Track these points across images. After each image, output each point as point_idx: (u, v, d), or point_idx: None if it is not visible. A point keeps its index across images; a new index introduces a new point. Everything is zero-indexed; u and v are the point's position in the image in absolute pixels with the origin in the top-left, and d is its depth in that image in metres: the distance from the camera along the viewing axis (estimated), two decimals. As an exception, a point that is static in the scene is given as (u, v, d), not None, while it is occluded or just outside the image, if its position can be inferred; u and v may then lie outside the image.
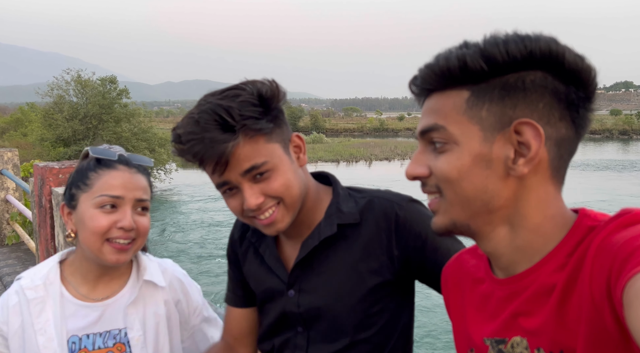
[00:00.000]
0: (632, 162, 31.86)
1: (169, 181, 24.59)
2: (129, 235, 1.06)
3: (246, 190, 0.90)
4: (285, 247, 1.07)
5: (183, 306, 1.21)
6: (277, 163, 0.91)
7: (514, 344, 0.67)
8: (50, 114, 23.94)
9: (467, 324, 0.78)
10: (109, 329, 1.10)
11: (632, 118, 63.87)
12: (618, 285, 0.52)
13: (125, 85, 25.47)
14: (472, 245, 0.86)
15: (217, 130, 0.85)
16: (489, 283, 0.74)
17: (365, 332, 0.99)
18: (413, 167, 0.71)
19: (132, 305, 1.12)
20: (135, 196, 1.08)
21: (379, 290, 0.98)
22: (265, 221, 0.93)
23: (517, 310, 0.67)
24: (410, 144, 45.69)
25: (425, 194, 0.73)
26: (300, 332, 1.04)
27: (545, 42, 0.62)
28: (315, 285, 1.01)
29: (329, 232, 0.99)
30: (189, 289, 1.23)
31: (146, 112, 26.89)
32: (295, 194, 0.94)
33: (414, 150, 0.74)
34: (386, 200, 1.00)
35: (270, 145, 0.91)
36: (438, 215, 0.71)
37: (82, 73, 24.76)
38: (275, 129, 0.92)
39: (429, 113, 0.69)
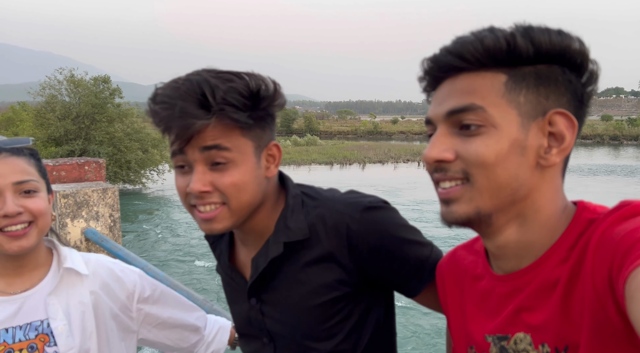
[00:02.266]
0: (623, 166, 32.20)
1: (162, 182, 24.48)
2: (19, 220, 1.02)
3: (197, 173, 0.84)
4: (241, 253, 1.03)
5: (116, 293, 1.17)
6: (240, 160, 0.86)
7: (517, 340, 0.66)
8: (42, 113, 23.74)
9: (467, 321, 0.77)
10: (29, 321, 1.06)
11: (623, 124, 64.54)
12: (620, 278, 0.52)
13: (118, 85, 25.33)
14: (465, 241, 0.86)
15: (193, 104, 0.80)
16: (489, 280, 0.73)
17: (329, 341, 0.95)
18: (438, 150, 0.66)
19: (53, 295, 1.09)
20: (11, 181, 1.03)
21: (337, 303, 0.94)
22: (203, 215, 0.86)
23: (520, 306, 0.67)
24: (403, 147, 45.86)
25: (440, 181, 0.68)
26: (266, 344, 1.01)
27: (577, 41, 0.64)
28: (273, 298, 0.97)
29: (276, 253, 0.93)
30: (120, 274, 1.19)
31: (139, 112, 26.74)
32: (244, 200, 0.87)
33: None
34: (337, 213, 0.92)
35: (242, 140, 0.86)
36: (460, 204, 0.65)
37: (75, 72, 24.62)
38: (255, 128, 0.87)
39: (460, 93, 0.65)
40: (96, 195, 3.05)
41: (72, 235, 3.05)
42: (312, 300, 0.94)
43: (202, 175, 0.84)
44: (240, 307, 1.04)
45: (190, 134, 0.81)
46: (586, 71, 0.65)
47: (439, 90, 0.69)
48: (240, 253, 1.03)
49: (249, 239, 0.98)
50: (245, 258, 1.01)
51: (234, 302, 1.07)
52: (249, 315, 1.01)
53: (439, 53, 0.67)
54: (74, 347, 1.08)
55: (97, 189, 3.04)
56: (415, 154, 39.28)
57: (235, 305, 1.06)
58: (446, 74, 0.67)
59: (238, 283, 1.02)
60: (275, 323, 0.98)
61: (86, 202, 3.04)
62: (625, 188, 23.09)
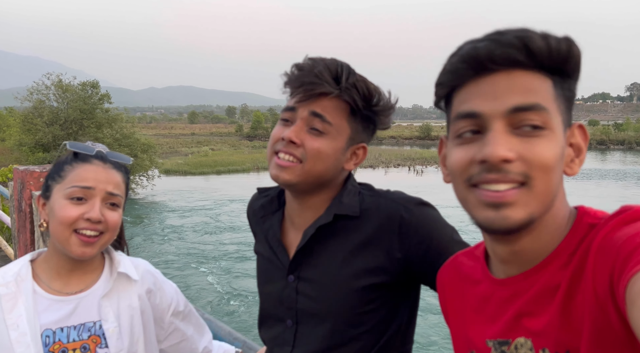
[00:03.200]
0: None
1: (152, 187, 24.29)
2: (96, 228, 1.06)
3: (296, 125, 0.97)
4: (289, 233, 1.08)
5: (156, 301, 1.21)
6: (333, 137, 0.97)
7: (518, 345, 0.66)
8: (29, 118, 23.48)
9: (467, 327, 0.76)
10: (83, 322, 1.10)
11: (610, 128, 65.54)
12: (621, 283, 0.51)
13: (108, 91, 25.18)
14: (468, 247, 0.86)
15: (328, 74, 0.95)
16: (488, 285, 0.73)
17: (357, 328, 0.99)
18: (505, 149, 0.60)
19: (106, 298, 1.12)
20: (106, 189, 1.08)
21: (373, 290, 0.98)
22: (280, 161, 0.97)
23: (521, 311, 0.66)
24: (394, 151, 46.08)
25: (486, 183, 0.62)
26: (289, 327, 1.04)
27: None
28: (312, 275, 1.02)
29: (325, 221, 1.00)
30: (163, 284, 1.24)
31: (128, 117, 26.56)
32: (317, 168, 0.97)
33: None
34: (393, 202, 1.00)
35: (344, 123, 0.98)
36: (516, 208, 0.61)
37: (63, 77, 24.41)
38: (358, 122, 1.00)
39: (522, 91, 0.61)
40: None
41: (59, 243, 2.99)
42: (353, 281, 0.98)
43: (298, 129, 0.96)
44: (273, 286, 1.08)
45: (312, 95, 0.95)
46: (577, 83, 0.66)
47: (488, 83, 0.63)
48: (288, 233, 1.09)
49: (303, 218, 1.04)
50: (292, 239, 1.07)
51: (268, 281, 1.11)
52: (281, 294, 1.05)
53: (496, 44, 0.61)
54: (123, 349, 1.11)
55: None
56: (406, 159, 39.50)
57: (268, 284, 1.10)
58: (500, 67, 0.62)
59: (281, 260, 1.06)
60: (308, 301, 1.01)
61: (74, 208, 2.98)
62: (624, 192, 23.38)
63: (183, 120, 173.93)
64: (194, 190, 24.48)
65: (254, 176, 32.24)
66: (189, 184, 27.03)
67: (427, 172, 32.94)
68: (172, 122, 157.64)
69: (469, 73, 0.64)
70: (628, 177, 29.57)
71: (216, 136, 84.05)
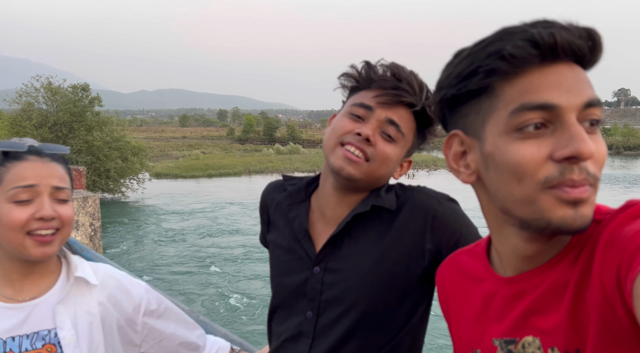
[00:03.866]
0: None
1: (142, 191, 24.09)
2: (51, 225, 1.01)
3: (371, 124, 0.99)
4: (316, 225, 1.08)
5: (124, 305, 1.15)
6: (401, 146, 1.02)
7: (525, 344, 0.65)
8: (17, 121, 23.19)
9: (470, 325, 0.76)
10: (36, 330, 1.03)
11: (598, 133, 66.17)
12: (629, 278, 0.51)
13: (98, 93, 24.97)
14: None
15: (417, 88, 1.01)
16: (492, 282, 0.72)
17: (380, 319, 1.00)
18: (592, 145, 0.57)
19: (62, 304, 1.06)
20: (50, 184, 1.02)
21: (404, 280, 1.00)
22: (349, 154, 0.99)
23: (530, 309, 0.65)
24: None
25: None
26: (309, 318, 1.04)
27: None
28: (341, 266, 1.03)
29: (362, 209, 1.02)
30: (128, 287, 1.17)
31: (119, 120, 26.36)
32: (381, 171, 1.01)
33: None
34: (426, 195, 1.03)
35: (411, 135, 1.03)
36: (587, 206, 0.59)
37: (53, 80, 24.18)
38: (418, 138, 1.06)
39: (588, 85, 0.60)
40: (76, 203, 2.97)
41: (50, 246, 2.96)
42: (384, 271, 1.00)
43: (372, 127, 0.99)
44: (295, 277, 1.07)
45: (394, 100, 0.99)
46: None
47: (557, 74, 0.59)
48: (315, 225, 1.09)
49: (336, 211, 1.05)
50: (320, 231, 1.07)
51: (287, 273, 1.09)
52: (304, 286, 1.05)
53: (569, 34, 0.58)
54: None
55: (77, 198, 2.97)
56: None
57: (288, 276, 1.08)
58: (567, 58, 0.59)
59: (307, 251, 1.06)
60: (335, 292, 1.01)
61: (65, 211, 2.96)
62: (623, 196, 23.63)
63: (174, 124, 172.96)
64: (186, 193, 24.33)
65: (246, 179, 32.14)
66: (180, 187, 26.86)
67: (419, 176, 33.05)
68: (163, 125, 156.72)
69: (537, 60, 0.59)
70: (620, 182, 29.90)
71: (207, 139, 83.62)
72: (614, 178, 31.81)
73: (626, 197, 3.16)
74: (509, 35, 0.59)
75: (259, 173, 35.42)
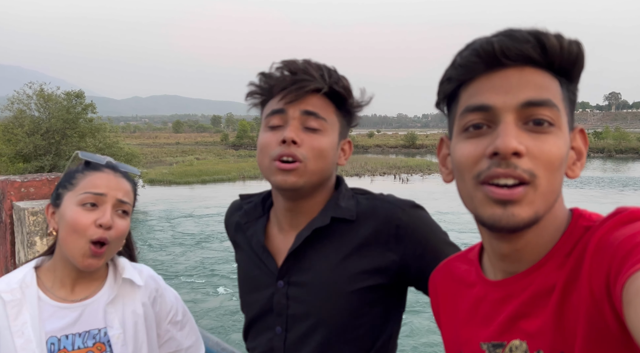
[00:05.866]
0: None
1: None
2: (106, 235, 1.06)
3: (292, 125, 0.96)
4: (276, 239, 1.07)
5: (158, 307, 1.21)
6: (329, 132, 0.99)
7: (513, 347, 0.65)
8: (9, 128, 23.06)
9: (459, 329, 0.76)
10: (88, 329, 1.10)
11: (589, 137, 66.92)
12: (618, 283, 0.51)
13: (91, 100, 24.89)
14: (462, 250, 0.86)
15: (316, 72, 0.97)
16: (482, 286, 0.73)
17: (348, 333, 0.98)
18: (516, 141, 0.60)
19: (111, 304, 1.12)
20: (117, 196, 1.09)
21: (369, 293, 0.97)
22: (284, 166, 0.96)
23: (516, 313, 0.66)
24: (379, 160, 46.35)
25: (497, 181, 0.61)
26: (278, 334, 1.02)
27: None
28: (305, 279, 1.01)
29: (321, 223, 0.99)
30: (164, 291, 1.23)
31: (112, 127, 26.27)
32: (323, 166, 0.97)
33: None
34: (389, 204, 1.00)
35: (334, 118, 1.00)
36: (522, 206, 0.60)
37: (46, 87, 24.07)
38: (343, 117, 1.02)
39: (534, 86, 0.62)
40: (67, 211, 2.94)
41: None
42: (349, 284, 0.97)
43: (295, 130, 0.95)
44: (261, 293, 1.06)
45: (307, 90, 0.95)
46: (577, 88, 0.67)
47: (500, 78, 0.63)
48: (274, 239, 1.07)
49: (292, 222, 1.03)
50: (280, 245, 1.05)
51: (254, 289, 1.09)
52: (270, 301, 1.03)
53: (512, 40, 0.61)
54: None
55: (68, 206, 2.94)
56: (392, 167, 39.73)
57: (255, 292, 1.08)
58: (513, 62, 0.62)
59: (268, 266, 1.05)
60: (300, 306, 1.00)
61: (56, 219, 2.92)
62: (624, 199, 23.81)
63: (167, 130, 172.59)
64: (181, 200, 24.23)
65: (240, 185, 32.07)
66: (175, 194, 26.75)
67: (413, 180, 33.17)
68: (157, 132, 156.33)
69: (481, 67, 0.64)
70: (615, 185, 30.17)
71: (201, 145, 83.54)
72: (607, 181, 32.08)
73: (619, 198, 3.18)
74: (466, 47, 0.66)
75: (254, 178, 35.37)
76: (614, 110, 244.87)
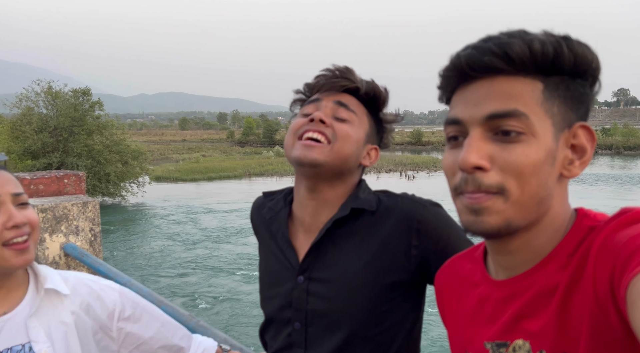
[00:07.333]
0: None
1: (142, 195, 24.10)
2: (24, 231, 1.01)
3: (323, 109, 1.02)
4: (298, 234, 1.08)
5: (97, 312, 1.12)
6: (358, 125, 1.03)
7: (516, 347, 0.66)
8: (17, 125, 23.25)
9: (464, 329, 0.77)
10: (9, 346, 1.01)
11: (598, 133, 66.25)
12: (622, 284, 0.52)
13: (98, 98, 25.03)
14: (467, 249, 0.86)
15: (353, 75, 1.04)
16: (486, 286, 0.73)
17: (370, 329, 0.98)
18: (478, 156, 0.61)
19: (34, 317, 1.04)
20: (9, 191, 1.01)
21: (392, 289, 0.98)
22: (307, 142, 0.99)
23: (520, 313, 0.66)
24: (385, 157, 46.24)
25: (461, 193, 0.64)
26: (296, 329, 1.03)
27: (597, 56, 0.64)
28: (326, 275, 1.01)
29: (341, 214, 1.01)
30: (101, 293, 1.15)
31: (119, 124, 26.44)
32: (347, 150, 1.00)
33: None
34: (410, 201, 1.02)
35: (364, 117, 1.05)
36: (491, 215, 0.62)
37: (53, 84, 24.23)
38: (373, 121, 1.07)
39: (501, 96, 0.62)
40: (76, 208, 2.97)
41: (50, 251, 2.96)
42: (370, 280, 0.98)
43: (327, 115, 1.01)
44: (281, 288, 1.06)
45: (341, 85, 1.03)
46: (598, 86, 0.66)
47: (471, 90, 0.65)
48: (297, 235, 1.09)
49: (315, 217, 1.05)
50: (302, 240, 1.07)
51: (274, 284, 1.09)
52: (290, 297, 1.04)
53: (477, 52, 0.63)
54: None
55: (76, 203, 2.97)
56: (397, 164, 39.65)
57: (275, 287, 1.08)
58: (481, 74, 0.64)
59: (290, 260, 1.06)
60: (320, 302, 1.00)
61: (65, 216, 2.96)
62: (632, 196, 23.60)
63: (174, 127, 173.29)
64: (190, 197, 24.34)
65: (246, 182, 32.15)
66: (182, 189, 26.87)
67: (419, 178, 33.09)
68: (163, 129, 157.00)
69: (455, 81, 0.67)
70: (622, 182, 29.89)
71: (207, 142, 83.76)
72: (615, 178, 31.80)
73: (627, 195, 3.15)
74: (449, 58, 0.67)
75: (259, 176, 35.44)
76: (623, 107, 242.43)
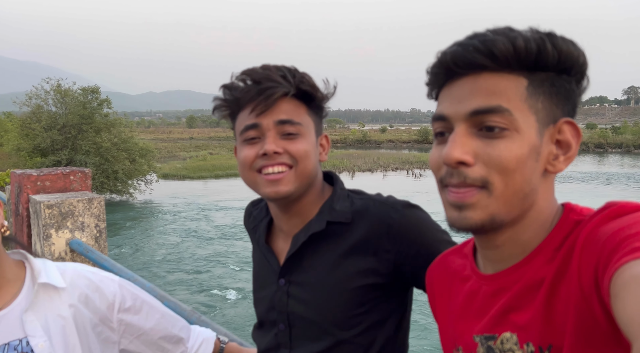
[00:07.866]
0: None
1: (149, 192, 24.25)
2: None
3: (269, 137, 0.96)
4: (278, 240, 1.11)
5: (96, 304, 1.12)
6: (307, 133, 0.99)
7: (504, 340, 0.66)
8: (27, 123, 23.48)
9: (454, 323, 0.77)
10: (6, 341, 1.01)
11: (607, 132, 65.70)
12: (605, 276, 0.52)
13: (107, 96, 25.20)
14: (458, 244, 0.87)
15: (279, 77, 0.96)
16: (475, 280, 0.74)
17: (348, 331, 0.99)
18: (461, 151, 0.63)
19: (30, 311, 1.04)
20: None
21: (366, 292, 0.98)
22: (271, 177, 0.96)
23: (507, 306, 0.67)
24: (392, 155, 46.15)
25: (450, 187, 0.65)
26: (282, 330, 1.05)
27: (583, 52, 0.65)
28: (303, 279, 1.03)
29: (317, 228, 1.01)
30: (100, 284, 1.14)
31: (127, 122, 26.61)
32: (309, 167, 0.98)
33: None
34: (383, 204, 1.01)
35: (308, 117, 1.00)
36: (475, 210, 0.63)
37: (63, 82, 24.43)
38: (315, 114, 1.03)
39: (485, 93, 0.63)
40: (82, 205, 3.00)
41: (56, 247, 3.00)
42: (344, 283, 0.99)
43: (275, 140, 0.96)
44: (266, 291, 1.09)
45: (276, 97, 0.95)
46: (585, 82, 0.67)
47: (457, 87, 0.66)
48: (277, 240, 1.11)
49: (289, 225, 1.05)
50: (282, 245, 1.09)
51: (261, 287, 1.13)
52: (273, 299, 1.06)
53: (462, 49, 0.64)
54: None
55: (82, 199, 3.00)
56: (404, 162, 39.54)
57: (262, 290, 1.12)
58: (466, 71, 0.65)
59: (271, 264, 1.08)
60: (300, 305, 1.02)
61: (71, 212, 2.99)
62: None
63: (181, 125, 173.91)
64: (195, 195, 24.46)
65: (253, 180, 32.09)
66: (190, 187, 27.00)
67: (426, 176, 32.96)
68: (171, 127, 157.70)
69: (442, 77, 0.68)
70: (634, 181, 29.59)
71: (215, 140, 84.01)
72: (626, 176, 31.46)
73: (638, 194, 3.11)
74: (436, 55, 0.68)
75: (266, 173, 35.36)
76: (633, 105, 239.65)
